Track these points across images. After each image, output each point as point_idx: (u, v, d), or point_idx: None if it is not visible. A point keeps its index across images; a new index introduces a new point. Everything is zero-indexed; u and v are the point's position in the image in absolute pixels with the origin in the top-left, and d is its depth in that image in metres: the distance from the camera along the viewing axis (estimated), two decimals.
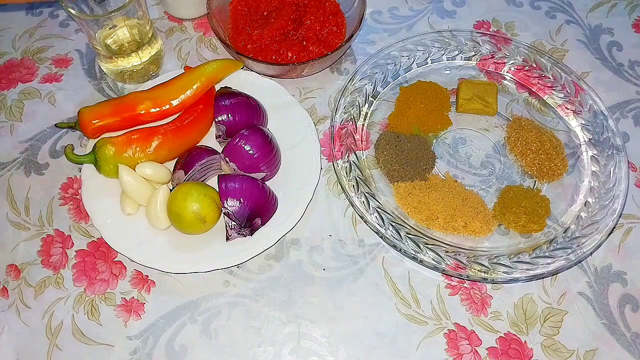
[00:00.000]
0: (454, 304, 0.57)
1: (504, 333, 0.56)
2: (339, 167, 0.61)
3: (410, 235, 0.58)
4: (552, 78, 0.68)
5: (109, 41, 0.67)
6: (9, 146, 0.68)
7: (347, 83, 0.67)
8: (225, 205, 0.56)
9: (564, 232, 0.59)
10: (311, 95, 0.71)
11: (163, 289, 0.58)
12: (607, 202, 0.59)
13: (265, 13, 0.72)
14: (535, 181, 0.63)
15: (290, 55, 0.68)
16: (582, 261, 0.59)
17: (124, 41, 0.68)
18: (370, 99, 0.68)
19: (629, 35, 0.77)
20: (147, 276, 0.59)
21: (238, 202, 0.57)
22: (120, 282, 0.59)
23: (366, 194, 0.60)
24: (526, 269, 0.55)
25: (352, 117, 0.66)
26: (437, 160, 0.65)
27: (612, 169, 0.61)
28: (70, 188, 0.65)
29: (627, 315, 0.56)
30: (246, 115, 0.63)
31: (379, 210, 0.59)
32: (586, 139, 0.65)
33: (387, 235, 0.57)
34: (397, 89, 0.69)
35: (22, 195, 0.65)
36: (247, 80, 0.68)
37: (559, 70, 0.68)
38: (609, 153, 0.62)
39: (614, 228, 0.57)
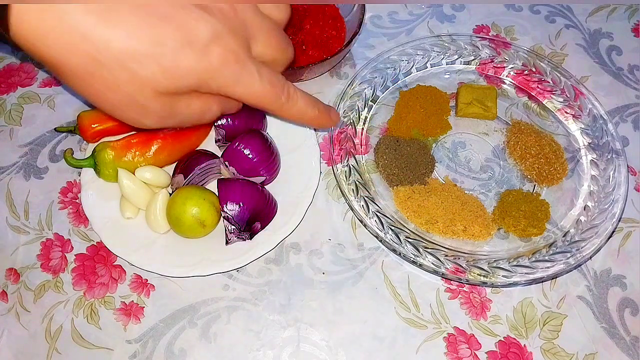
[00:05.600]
0: (454, 308, 0.57)
1: (504, 337, 0.56)
2: (339, 171, 0.61)
3: (409, 239, 0.58)
4: (551, 82, 0.69)
5: None
6: (8, 150, 0.68)
7: (346, 87, 0.67)
8: (225, 209, 0.56)
9: (563, 236, 0.59)
10: None
11: (162, 292, 0.58)
12: (606, 206, 0.59)
13: None
14: (535, 185, 0.63)
15: None
16: (581, 265, 0.59)
17: None
18: (370, 103, 0.68)
19: (628, 39, 0.77)
20: (147, 280, 0.59)
21: (237, 206, 0.57)
22: (119, 286, 0.59)
23: (365, 198, 0.60)
24: (526, 273, 0.55)
25: (351, 121, 0.66)
26: (436, 164, 0.65)
27: (611, 173, 0.61)
28: (70, 192, 0.65)
29: (626, 319, 0.56)
30: (245, 119, 0.63)
31: (378, 214, 0.59)
32: (585, 143, 0.65)
33: (387, 239, 0.57)
34: (396, 93, 0.70)
35: (21, 199, 0.65)
36: None
37: (559, 75, 0.68)
38: (609, 157, 0.62)
39: (613, 232, 0.57)
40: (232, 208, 0.57)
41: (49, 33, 0.35)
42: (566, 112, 0.67)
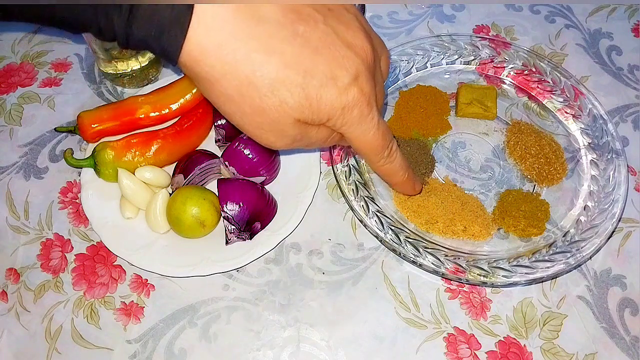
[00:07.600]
0: (454, 308, 0.57)
1: (504, 337, 0.56)
2: (339, 171, 0.61)
3: (409, 239, 0.58)
4: (551, 82, 0.69)
5: (108, 45, 0.67)
6: (8, 150, 0.68)
7: None
8: (225, 209, 0.56)
9: (563, 236, 0.59)
10: None
11: (162, 292, 0.58)
12: (606, 206, 0.59)
13: None
14: (535, 185, 0.63)
15: None
16: (581, 265, 0.59)
17: None
18: None
19: (628, 39, 0.77)
20: (147, 280, 0.59)
21: (237, 206, 0.57)
22: (119, 286, 0.59)
23: (365, 198, 0.60)
24: (525, 273, 0.55)
25: None
26: (436, 164, 0.65)
27: (611, 173, 0.61)
28: (70, 192, 0.65)
29: (626, 319, 0.56)
30: None
31: (378, 214, 0.59)
32: (585, 143, 0.65)
33: (387, 239, 0.57)
34: (396, 93, 0.70)
35: (21, 199, 0.65)
36: None
37: (559, 75, 0.68)
38: (609, 157, 0.62)
39: (613, 232, 0.57)
40: (232, 208, 0.57)
41: (213, 51, 0.36)
42: (566, 112, 0.67)
